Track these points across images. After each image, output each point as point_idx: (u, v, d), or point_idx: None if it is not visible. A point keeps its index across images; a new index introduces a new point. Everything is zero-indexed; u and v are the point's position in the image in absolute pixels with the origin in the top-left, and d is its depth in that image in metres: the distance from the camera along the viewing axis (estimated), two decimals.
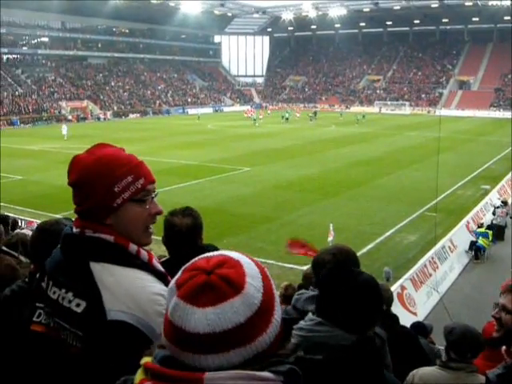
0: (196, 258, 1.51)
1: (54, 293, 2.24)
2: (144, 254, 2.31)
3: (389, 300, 5.87)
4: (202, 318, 1.37)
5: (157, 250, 5.46)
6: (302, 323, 2.84)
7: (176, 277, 1.49)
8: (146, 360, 1.50)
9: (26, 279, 3.52)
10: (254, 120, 72.55)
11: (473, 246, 20.14)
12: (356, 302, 2.67)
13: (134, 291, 2.14)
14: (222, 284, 1.39)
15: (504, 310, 3.18)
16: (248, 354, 1.40)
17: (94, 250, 2.20)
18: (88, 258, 2.19)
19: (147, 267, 2.27)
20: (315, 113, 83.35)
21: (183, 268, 1.49)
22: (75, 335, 2.16)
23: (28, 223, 15.79)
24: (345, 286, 2.72)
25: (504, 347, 3.18)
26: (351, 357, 2.53)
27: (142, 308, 2.11)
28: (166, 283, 2.22)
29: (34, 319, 2.36)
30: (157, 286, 2.21)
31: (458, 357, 4.78)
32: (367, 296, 2.71)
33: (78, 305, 2.15)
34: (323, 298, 2.80)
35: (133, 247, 2.27)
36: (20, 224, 17.26)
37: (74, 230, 2.28)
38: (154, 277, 2.25)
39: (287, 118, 76.42)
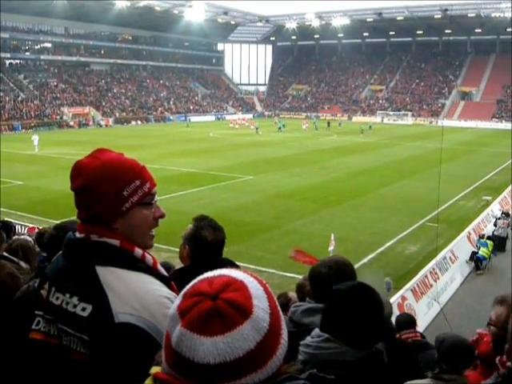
0: (195, 281, 1.45)
1: (57, 298, 2.21)
2: (149, 258, 2.30)
3: (389, 315, 5.85)
4: (212, 348, 1.31)
5: (157, 256, 5.43)
6: (308, 339, 2.85)
7: (177, 303, 1.42)
8: (155, 370, 1.46)
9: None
10: (257, 129, 72.46)
11: (473, 256, 20.09)
12: (366, 320, 2.71)
13: (141, 294, 2.12)
14: (229, 310, 1.33)
15: (490, 322, 3.22)
16: (259, 378, 1.35)
17: (99, 254, 2.19)
18: (94, 262, 2.17)
19: (152, 271, 2.26)
20: (328, 123, 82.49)
21: (183, 293, 1.43)
22: (80, 340, 2.12)
23: (29, 229, 15.66)
24: (356, 304, 2.75)
25: (498, 357, 3.18)
26: (361, 373, 2.54)
27: (149, 311, 2.09)
28: (170, 287, 2.25)
29: (33, 327, 2.32)
30: (163, 289, 2.19)
31: (449, 368, 4.75)
32: (376, 314, 2.76)
33: (83, 309, 2.12)
34: (333, 314, 2.81)
35: (138, 251, 2.26)
36: (20, 230, 17.23)
37: (78, 235, 2.26)
38: (159, 281, 2.24)
39: (279, 128, 76.12)
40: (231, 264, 3.95)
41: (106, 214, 2.21)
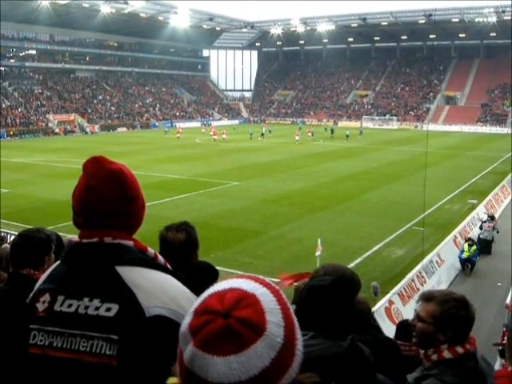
0: (206, 295, 1.41)
1: (70, 306, 2.17)
2: (160, 257, 2.36)
3: (369, 314, 5.85)
4: (226, 368, 1.25)
5: None
6: None
7: (187, 320, 1.39)
8: (172, 381, 1.45)
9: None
10: (251, 134, 72.41)
11: (464, 263, 20.13)
12: (346, 309, 2.77)
13: (166, 288, 2.16)
14: (242, 329, 1.28)
15: (418, 318, 3.34)
16: None
17: (117, 254, 2.22)
18: (113, 263, 2.19)
19: (164, 269, 2.30)
20: (332, 130, 79.72)
21: (194, 310, 1.39)
22: (106, 341, 2.07)
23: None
24: (337, 296, 2.78)
25: (423, 351, 3.32)
26: (354, 361, 2.61)
27: (178, 303, 2.11)
28: None
29: (30, 342, 2.26)
30: (181, 284, 2.24)
31: None
32: (352, 301, 2.83)
33: (108, 309, 2.10)
34: (314, 310, 2.81)
35: (150, 251, 2.32)
36: (8, 239, 17.13)
37: (85, 240, 2.26)
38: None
39: (262, 134, 75.17)
40: (209, 267, 3.97)
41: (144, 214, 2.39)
